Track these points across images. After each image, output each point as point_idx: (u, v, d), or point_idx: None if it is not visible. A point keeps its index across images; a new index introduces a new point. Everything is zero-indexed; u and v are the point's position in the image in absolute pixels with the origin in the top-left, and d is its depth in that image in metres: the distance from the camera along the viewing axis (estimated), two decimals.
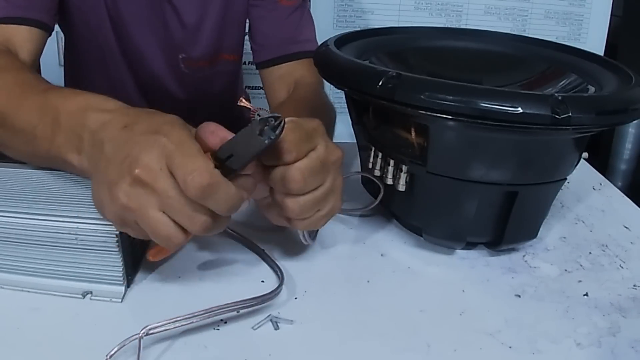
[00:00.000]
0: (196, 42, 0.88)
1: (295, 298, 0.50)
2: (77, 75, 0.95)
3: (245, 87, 1.21)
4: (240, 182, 0.43)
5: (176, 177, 0.40)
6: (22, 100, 0.54)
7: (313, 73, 0.58)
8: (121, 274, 0.49)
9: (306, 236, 0.54)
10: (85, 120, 0.46)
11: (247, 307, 0.47)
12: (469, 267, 0.57)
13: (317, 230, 0.56)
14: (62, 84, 1.03)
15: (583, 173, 0.78)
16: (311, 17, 0.88)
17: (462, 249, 0.59)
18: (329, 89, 0.83)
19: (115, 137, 0.44)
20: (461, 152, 0.51)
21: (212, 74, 0.94)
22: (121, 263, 0.49)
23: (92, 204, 0.48)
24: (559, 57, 0.67)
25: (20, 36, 0.70)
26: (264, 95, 1.58)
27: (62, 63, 1.17)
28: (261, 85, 1.60)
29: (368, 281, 0.53)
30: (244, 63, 1.09)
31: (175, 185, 0.41)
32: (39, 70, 0.75)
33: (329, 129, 0.73)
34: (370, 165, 0.58)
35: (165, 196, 0.41)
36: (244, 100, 0.51)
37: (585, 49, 0.65)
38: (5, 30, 0.69)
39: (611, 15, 1.54)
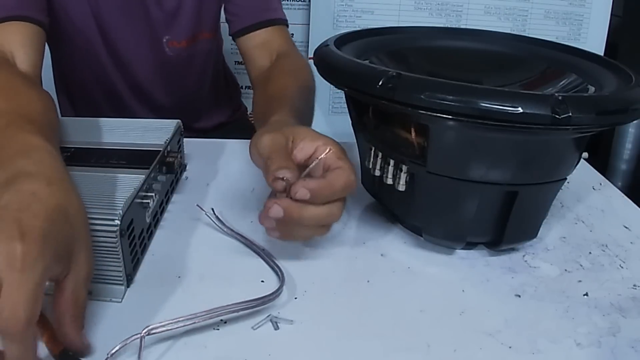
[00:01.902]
0: (177, 23, 0.91)
1: (295, 298, 0.50)
2: (65, 77, 0.98)
3: (242, 86, 1.21)
4: None
5: None
6: None
7: (289, 41, 0.62)
8: (121, 274, 0.49)
9: None
10: None
11: (248, 308, 0.47)
12: (469, 267, 0.57)
13: None
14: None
15: (583, 173, 0.78)
16: None
17: (462, 249, 0.59)
18: (329, 88, 0.83)
19: None
20: (461, 152, 0.51)
21: (192, 54, 0.96)
22: (121, 263, 0.49)
23: (92, 204, 0.48)
24: (559, 57, 0.67)
25: (16, 35, 0.70)
26: None
27: None
28: None
29: (368, 281, 0.53)
30: (240, 63, 1.10)
31: None
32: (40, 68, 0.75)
33: (313, 103, 0.77)
34: (370, 165, 0.58)
35: None
36: None
37: (585, 49, 0.65)
38: (2, 30, 0.69)
39: (611, 15, 1.54)
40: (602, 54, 1.23)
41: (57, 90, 1.02)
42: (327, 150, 0.49)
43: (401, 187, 0.55)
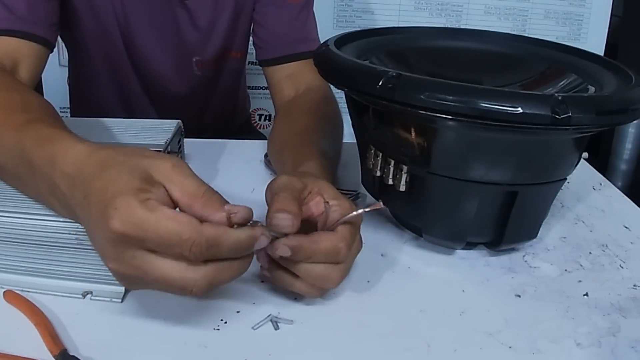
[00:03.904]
0: (209, 43, 0.88)
1: (295, 298, 0.50)
2: (82, 80, 0.95)
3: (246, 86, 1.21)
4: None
5: (169, 256, 0.38)
6: (1, 132, 0.50)
7: (318, 74, 0.60)
8: None
9: None
10: (55, 179, 0.43)
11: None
12: (469, 267, 0.57)
13: None
14: (63, 85, 1.04)
15: (583, 173, 0.78)
16: (314, 16, 0.88)
17: (462, 249, 0.59)
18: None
19: (81, 206, 0.41)
20: (461, 152, 0.51)
21: (219, 72, 0.94)
22: None
23: None
24: (559, 57, 0.67)
25: (22, 52, 0.69)
26: (263, 96, 1.58)
27: (62, 63, 1.17)
28: (261, 86, 1.61)
29: (368, 281, 0.53)
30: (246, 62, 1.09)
31: (160, 261, 0.38)
32: (39, 85, 0.73)
33: (340, 138, 0.74)
34: (370, 165, 0.58)
35: (157, 280, 0.39)
36: None
37: (585, 49, 0.65)
38: (7, 43, 0.68)
39: (611, 15, 1.54)
40: (602, 54, 1.23)
41: (72, 109, 1.01)
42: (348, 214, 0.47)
43: (401, 188, 0.55)
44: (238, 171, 0.74)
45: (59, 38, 0.89)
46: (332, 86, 0.65)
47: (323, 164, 0.60)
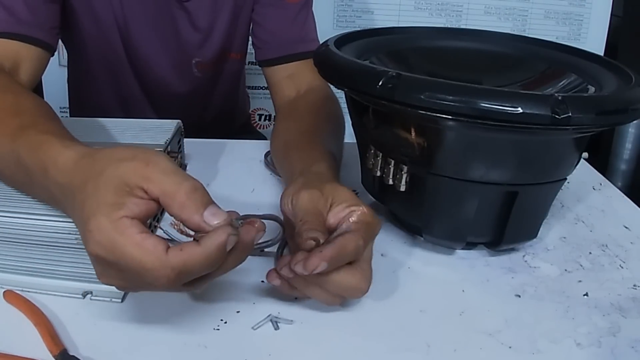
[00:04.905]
0: (209, 44, 0.88)
1: (296, 298, 0.50)
2: (81, 81, 0.95)
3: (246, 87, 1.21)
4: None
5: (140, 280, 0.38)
6: None
7: (318, 74, 0.61)
8: None
9: None
10: (50, 187, 0.44)
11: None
12: (469, 267, 0.57)
13: None
14: (63, 85, 1.03)
15: (583, 173, 0.78)
16: (314, 16, 0.88)
17: (462, 249, 0.59)
18: None
19: (72, 217, 0.43)
20: (461, 152, 0.51)
21: (219, 74, 0.94)
22: None
23: None
24: (559, 57, 0.67)
25: (22, 54, 0.68)
26: (263, 96, 1.58)
27: (62, 63, 1.16)
28: (261, 86, 1.60)
29: None
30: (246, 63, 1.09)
31: (138, 279, 0.38)
32: (39, 85, 0.72)
33: (343, 138, 0.74)
34: (370, 165, 0.59)
35: (145, 289, 0.40)
36: None
37: (585, 49, 0.65)
38: (6, 45, 0.68)
39: (611, 15, 1.54)
40: (602, 54, 1.23)
41: (71, 109, 1.01)
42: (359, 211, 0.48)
43: (401, 188, 0.55)
44: (238, 171, 0.74)
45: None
46: (332, 86, 0.65)
47: (332, 165, 0.60)
